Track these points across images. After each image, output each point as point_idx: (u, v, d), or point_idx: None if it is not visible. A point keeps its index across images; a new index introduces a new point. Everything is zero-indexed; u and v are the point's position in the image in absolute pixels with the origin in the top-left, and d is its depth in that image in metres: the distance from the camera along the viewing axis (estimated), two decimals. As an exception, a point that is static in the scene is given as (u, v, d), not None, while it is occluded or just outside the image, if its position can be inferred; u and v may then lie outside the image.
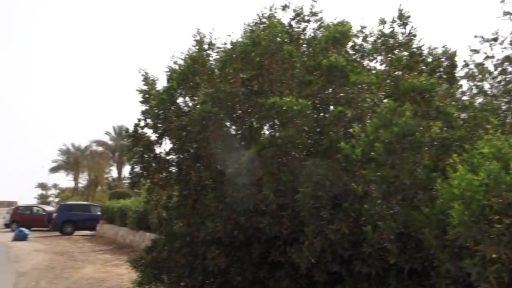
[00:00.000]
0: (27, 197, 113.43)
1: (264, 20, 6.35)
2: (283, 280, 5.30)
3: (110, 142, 54.89)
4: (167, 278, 6.86)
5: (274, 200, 4.77)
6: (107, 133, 54.51)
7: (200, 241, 6.08)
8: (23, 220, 30.00)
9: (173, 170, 7.09)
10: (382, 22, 6.01)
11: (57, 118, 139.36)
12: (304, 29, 6.54)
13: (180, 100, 6.48)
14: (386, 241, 4.17)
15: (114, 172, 57.69)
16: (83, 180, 61.44)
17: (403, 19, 5.91)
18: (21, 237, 22.67)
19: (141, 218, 17.26)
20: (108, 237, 23.56)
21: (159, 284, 6.98)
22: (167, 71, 6.78)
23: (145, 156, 7.06)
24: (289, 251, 4.93)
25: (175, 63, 6.77)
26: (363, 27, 6.47)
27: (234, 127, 6.31)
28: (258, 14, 6.37)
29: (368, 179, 4.41)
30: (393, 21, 5.97)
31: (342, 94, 5.61)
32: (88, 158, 58.30)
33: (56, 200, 68.10)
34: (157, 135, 6.83)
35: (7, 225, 32.34)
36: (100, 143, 55.43)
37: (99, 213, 27.54)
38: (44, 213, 31.54)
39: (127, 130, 7.07)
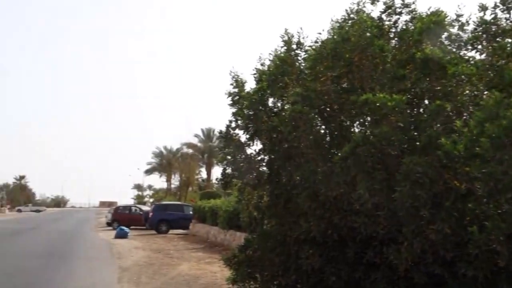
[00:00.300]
0: (125, 198, 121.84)
1: (352, 15, 6.22)
2: (379, 281, 5.14)
3: (199, 144, 57.09)
4: (260, 276, 6.96)
5: (369, 199, 4.64)
6: (196, 135, 56.77)
7: (293, 240, 6.10)
8: (123, 219, 32.18)
9: (264, 170, 7.18)
10: (483, 8, 5.61)
11: (151, 123, 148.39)
12: (395, 22, 6.30)
13: (270, 100, 6.55)
14: (494, 242, 3.89)
15: (203, 173, 59.97)
16: (175, 181, 64.55)
17: (506, 3, 5.47)
18: (122, 235, 24.32)
19: (231, 218, 17.71)
20: (200, 235, 24.45)
21: (252, 282, 7.10)
22: (254, 73, 6.90)
23: (237, 157, 7.23)
24: (386, 251, 4.78)
25: (262, 64, 6.86)
26: (459, 16, 6.09)
27: (323, 126, 6.26)
28: (346, 10, 6.26)
29: (472, 176, 4.14)
30: (495, 7, 5.55)
31: (439, 88, 5.34)
32: (179, 160, 61.12)
33: (151, 200, 72.24)
34: (247, 136, 6.96)
35: (108, 224, 34.93)
36: (190, 145, 57.85)
37: (191, 212, 28.66)
38: (141, 212, 33.56)
39: (220, 131, 7.28)
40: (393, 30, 6.43)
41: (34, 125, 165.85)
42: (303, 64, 6.41)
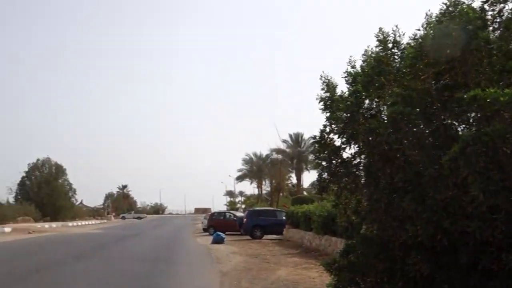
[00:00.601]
0: (218, 204, 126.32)
1: (451, 8, 5.92)
2: (498, 290, 4.79)
3: (288, 150, 57.36)
4: (363, 283, 6.79)
5: (484, 201, 4.35)
6: (284, 141, 57.10)
7: (397, 246, 5.88)
8: (218, 225, 33.25)
9: (361, 174, 7.02)
10: None
11: (241, 130, 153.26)
12: (499, 11, 5.89)
13: (365, 102, 6.41)
14: None
15: (293, 178, 60.19)
16: (266, 187, 65.47)
17: None
18: (218, 240, 25.12)
19: (326, 223, 17.53)
20: (294, 241, 24.48)
21: (355, 289, 6.95)
22: (345, 76, 6.79)
23: (332, 161, 7.15)
24: (505, 258, 4.44)
25: (353, 67, 6.74)
26: None
27: (423, 126, 5.99)
28: (444, 3, 5.97)
29: None
30: None
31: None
32: (269, 166, 61.89)
33: (243, 206, 73.89)
34: (343, 139, 6.86)
35: (205, 230, 36.27)
36: (279, 151, 58.34)
37: (284, 218, 28.83)
38: (235, 218, 34.45)
39: (314, 136, 7.25)
40: (498, 20, 6.02)
41: (134, 138, 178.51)
42: (399, 63, 6.21)
